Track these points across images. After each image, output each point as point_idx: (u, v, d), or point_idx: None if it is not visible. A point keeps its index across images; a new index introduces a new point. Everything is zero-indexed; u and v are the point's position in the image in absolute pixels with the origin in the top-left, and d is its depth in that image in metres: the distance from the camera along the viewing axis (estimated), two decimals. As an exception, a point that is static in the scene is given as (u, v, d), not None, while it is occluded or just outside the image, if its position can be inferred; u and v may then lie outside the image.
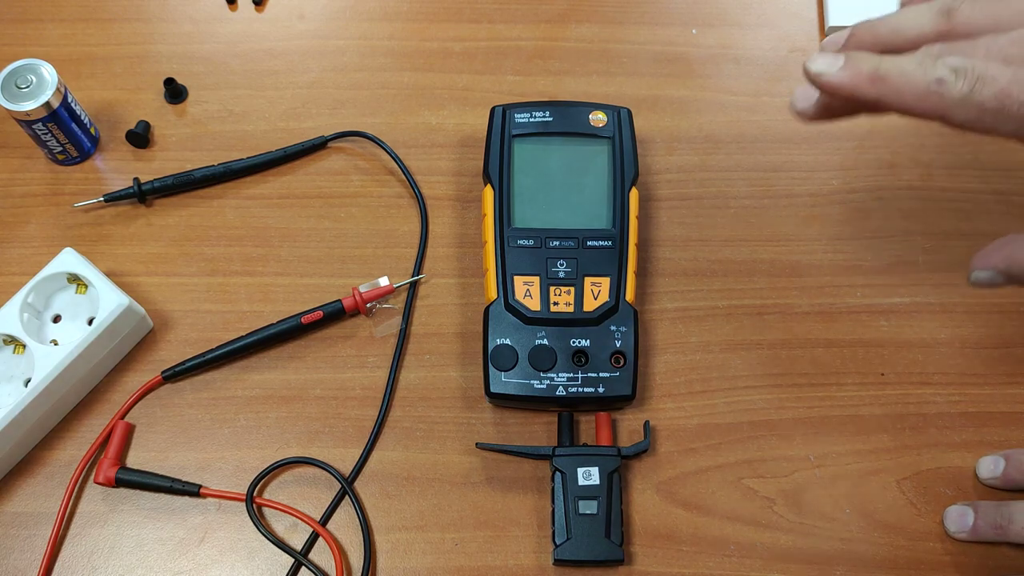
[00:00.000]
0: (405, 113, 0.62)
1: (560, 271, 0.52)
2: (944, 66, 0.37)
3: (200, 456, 0.51)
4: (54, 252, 0.52)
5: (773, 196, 0.59)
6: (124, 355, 0.53)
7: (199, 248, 0.57)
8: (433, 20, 0.66)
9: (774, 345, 0.55)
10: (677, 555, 0.49)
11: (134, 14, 0.66)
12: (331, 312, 0.54)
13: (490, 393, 0.50)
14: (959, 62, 0.37)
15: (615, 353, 0.51)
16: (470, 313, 0.55)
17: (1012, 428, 0.52)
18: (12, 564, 0.48)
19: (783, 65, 0.65)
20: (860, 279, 0.57)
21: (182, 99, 0.62)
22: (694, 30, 0.66)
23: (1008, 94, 0.36)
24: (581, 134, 0.56)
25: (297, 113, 0.62)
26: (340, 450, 0.51)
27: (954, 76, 0.37)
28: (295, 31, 0.65)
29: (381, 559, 0.49)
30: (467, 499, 0.50)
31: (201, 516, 0.50)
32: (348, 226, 0.58)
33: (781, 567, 0.49)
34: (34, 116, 0.54)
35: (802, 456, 0.52)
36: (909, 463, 0.51)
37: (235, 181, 0.59)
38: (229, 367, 0.54)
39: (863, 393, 0.53)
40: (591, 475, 0.48)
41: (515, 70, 0.64)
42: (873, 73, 0.38)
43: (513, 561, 0.49)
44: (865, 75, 0.38)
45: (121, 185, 0.58)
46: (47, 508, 0.49)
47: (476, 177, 0.59)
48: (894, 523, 0.50)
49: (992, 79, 0.36)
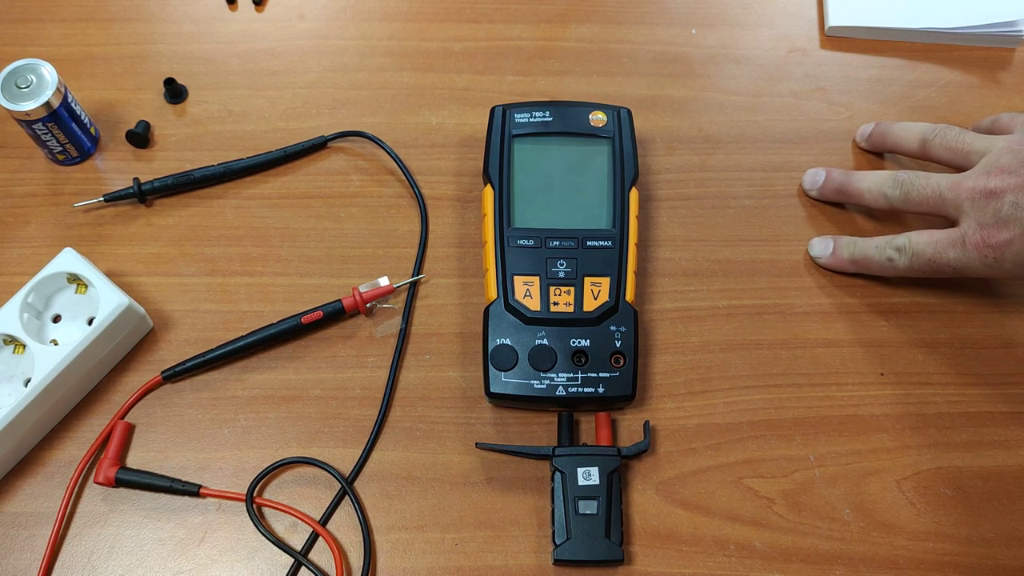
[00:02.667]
0: (405, 113, 0.62)
1: (560, 271, 0.52)
2: (891, 248, 0.53)
3: (200, 456, 0.51)
4: (54, 252, 0.52)
5: (773, 196, 0.59)
6: (124, 355, 0.53)
7: (199, 248, 0.57)
8: (433, 20, 0.66)
9: (774, 345, 0.55)
10: (677, 555, 0.49)
11: (134, 14, 0.66)
12: (331, 312, 0.54)
13: (490, 393, 0.50)
14: (901, 242, 0.53)
15: (615, 353, 0.51)
16: (470, 313, 0.55)
17: (1012, 428, 0.52)
18: (12, 564, 0.48)
19: (783, 65, 0.65)
20: (860, 279, 0.57)
21: (182, 99, 0.62)
22: (694, 30, 0.66)
23: (934, 260, 0.51)
24: (581, 134, 0.56)
25: (297, 113, 0.62)
26: (340, 450, 0.51)
27: (898, 255, 0.53)
28: (295, 31, 0.65)
29: (381, 559, 0.49)
30: (467, 499, 0.50)
31: (201, 516, 0.50)
32: (348, 226, 0.58)
33: (781, 567, 0.49)
34: (34, 116, 0.54)
35: (802, 456, 0.52)
36: (909, 463, 0.51)
37: (235, 181, 0.59)
38: (229, 367, 0.54)
39: (863, 393, 0.53)
40: (591, 475, 0.48)
41: (515, 70, 0.64)
42: (850, 258, 0.56)
43: (513, 561, 0.49)
44: (846, 260, 0.56)
45: (121, 185, 0.58)
46: (47, 508, 0.49)
47: (476, 177, 0.59)
48: (894, 523, 0.50)
49: (922, 252, 0.52)
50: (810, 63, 0.65)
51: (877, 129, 0.59)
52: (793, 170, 0.60)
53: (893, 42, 0.66)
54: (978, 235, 0.49)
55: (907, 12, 0.65)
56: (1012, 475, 0.51)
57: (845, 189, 0.57)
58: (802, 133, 0.62)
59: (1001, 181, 0.49)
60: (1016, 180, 0.48)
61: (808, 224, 0.58)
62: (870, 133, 0.60)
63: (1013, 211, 0.48)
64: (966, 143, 0.53)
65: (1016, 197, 0.48)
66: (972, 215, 0.50)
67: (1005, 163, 0.49)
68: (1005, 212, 0.48)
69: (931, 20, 0.65)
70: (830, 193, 0.58)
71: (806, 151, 0.61)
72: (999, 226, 0.49)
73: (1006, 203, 0.48)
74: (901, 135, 0.57)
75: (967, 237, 0.50)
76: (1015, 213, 0.48)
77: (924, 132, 0.55)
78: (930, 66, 0.65)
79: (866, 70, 0.65)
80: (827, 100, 0.63)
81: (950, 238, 0.51)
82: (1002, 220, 0.48)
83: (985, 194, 0.49)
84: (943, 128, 0.54)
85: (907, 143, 0.56)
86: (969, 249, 0.50)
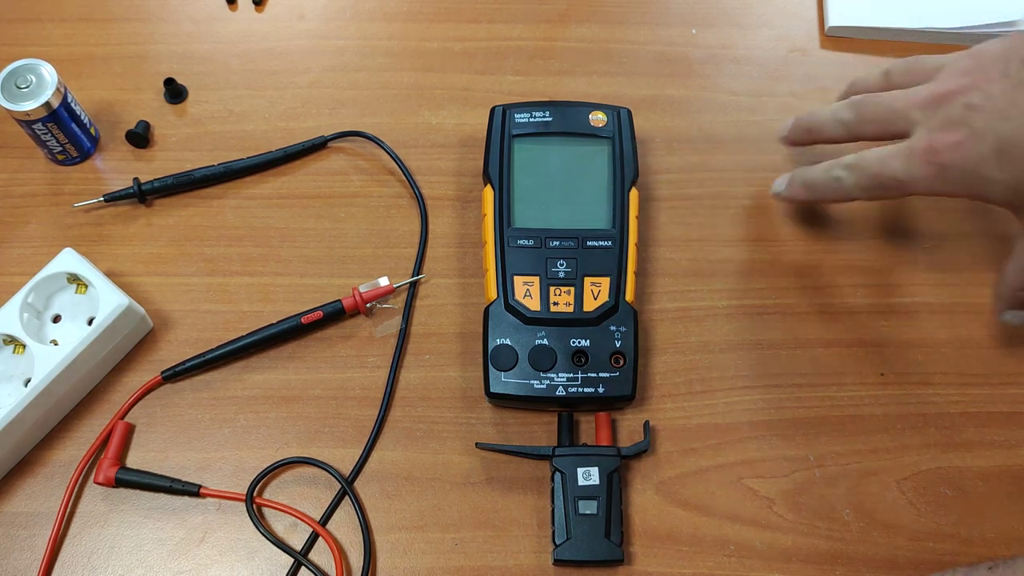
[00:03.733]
0: (405, 113, 0.62)
1: (560, 271, 0.52)
2: (839, 167, 0.50)
3: (200, 456, 0.51)
4: (54, 252, 0.52)
5: (773, 196, 0.59)
6: (124, 355, 0.53)
7: (199, 248, 0.57)
8: (433, 20, 0.66)
9: (774, 345, 0.55)
10: (677, 555, 0.49)
11: (134, 14, 0.66)
12: (331, 312, 0.54)
13: (490, 393, 0.50)
14: (849, 159, 0.50)
15: (615, 353, 0.51)
16: (470, 313, 0.55)
17: (1012, 428, 0.52)
18: (12, 564, 0.48)
19: (783, 65, 0.65)
20: (860, 279, 0.57)
21: (182, 99, 0.62)
22: (694, 30, 0.66)
23: (880, 175, 0.48)
24: (581, 134, 0.56)
25: (297, 113, 0.62)
26: (340, 450, 0.51)
27: (846, 172, 0.50)
28: (295, 31, 0.65)
29: (381, 559, 0.49)
30: (467, 499, 0.50)
31: (201, 516, 0.50)
32: (348, 226, 0.58)
33: (781, 567, 0.49)
34: (34, 116, 0.54)
35: (802, 456, 0.52)
36: (909, 463, 0.51)
37: (235, 181, 0.59)
38: (229, 367, 0.54)
39: (863, 393, 0.53)
40: (591, 475, 0.48)
41: (515, 70, 0.64)
42: (802, 183, 0.53)
43: (513, 561, 0.49)
44: (798, 187, 0.53)
45: (121, 185, 0.58)
46: (47, 508, 0.49)
47: (476, 177, 0.59)
48: (894, 523, 0.50)
49: (867, 166, 0.48)
50: (810, 63, 0.65)
51: (849, 83, 0.56)
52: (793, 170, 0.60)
53: (893, 42, 0.65)
54: (925, 140, 0.45)
55: (907, 12, 0.65)
56: (1012, 475, 0.51)
57: (809, 126, 0.54)
58: (802, 133, 0.62)
59: (954, 82, 0.45)
60: (969, 79, 0.44)
61: (808, 224, 0.58)
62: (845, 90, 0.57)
63: (963, 112, 0.44)
64: (925, 63, 0.49)
65: (968, 97, 0.44)
66: (922, 123, 0.46)
67: (963, 66, 0.46)
68: (955, 114, 0.44)
69: (931, 20, 0.65)
70: (800, 134, 0.55)
71: (806, 151, 0.61)
72: (947, 129, 0.44)
73: (957, 104, 0.44)
74: (867, 76, 0.54)
75: (914, 146, 0.46)
76: (965, 114, 0.44)
77: (887, 66, 0.52)
78: (930, 66, 0.65)
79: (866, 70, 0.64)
80: (827, 100, 0.63)
81: (896, 149, 0.47)
82: (951, 122, 0.44)
83: (937, 99, 0.45)
84: (906, 58, 0.52)
85: (873, 80, 0.53)
86: (915, 157, 0.46)
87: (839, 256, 0.57)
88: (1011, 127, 0.42)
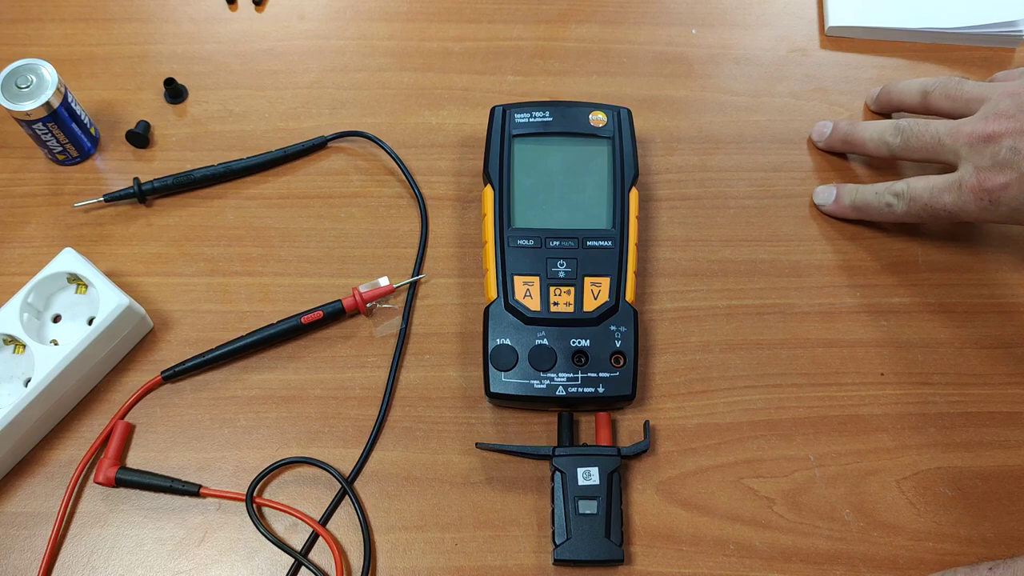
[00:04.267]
0: (405, 113, 0.62)
1: (560, 271, 0.52)
2: (889, 193, 0.54)
3: (200, 456, 0.51)
4: (54, 252, 0.52)
5: (773, 196, 0.59)
6: (124, 355, 0.53)
7: (199, 248, 0.57)
8: (433, 20, 0.66)
9: (774, 345, 0.55)
10: (677, 555, 0.49)
11: (134, 14, 0.66)
12: (331, 312, 0.54)
13: (490, 393, 0.50)
14: (899, 187, 0.54)
15: (615, 353, 0.51)
16: (470, 313, 0.55)
17: (1012, 428, 0.52)
18: (12, 564, 0.48)
19: (783, 65, 0.65)
20: (860, 279, 0.57)
21: (182, 99, 0.62)
22: (694, 30, 0.66)
23: (931, 205, 0.52)
24: (581, 134, 0.56)
25: (297, 113, 0.62)
26: (340, 450, 0.51)
27: (896, 200, 0.54)
28: (295, 31, 0.65)
29: (381, 559, 0.49)
30: (467, 499, 0.50)
31: (201, 516, 0.50)
32: (348, 226, 0.58)
33: (781, 567, 0.49)
34: (34, 116, 0.54)
35: (802, 456, 0.52)
36: (909, 463, 0.51)
37: (235, 181, 0.59)
38: (229, 367, 0.54)
39: (863, 393, 0.53)
40: (591, 475, 0.48)
41: (515, 70, 0.64)
42: (852, 204, 0.57)
43: (513, 561, 0.49)
44: (847, 206, 0.57)
45: (121, 185, 0.58)
46: (47, 508, 0.49)
47: (476, 177, 0.59)
48: (894, 523, 0.50)
49: (919, 196, 0.52)
50: (810, 63, 0.65)
51: (883, 90, 0.60)
52: (793, 170, 0.60)
53: (893, 42, 0.65)
54: (974, 179, 0.49)
55: (907, 12, 0.65)
56: (1012, 475, 0.51)
57: (850, 139, 0.58)
58: (802, 133, 0.62)
59: (999, 125, 0.49)
60: (1014, 124, 0.49)
61: (808, 224, 0.58)
62: (877, 95, 0.61)
63: (1010, 155, 0.48)
64: (965, 91, 0.53)
65: (1014, 141, 0.48)
66: (970, 159, 0.50)
67: (1004, 108, 0.50)
68: (1002, 156, 0.48)
69: (931, 20, 0.65)
70: (837, 143, 0.59)
71: (806, 151, 0.61)
72: (996, 170, 0.49)
73: (1004, 147, 0.48)
74: (904, 90, 0.58)
75: (964, 181, 0.50)
76: (1012, 157, 0.48)
77: (925, 85, 0.56)
78: (930, 66, 0.65)
79: (866, 70, 0.65)
80: (827, 100, 0.63)
81: (947, 182, 0.51)
82: (999, 164, 0.49)
83: (983, 138, 0.49)
84: (943, 79, 0.55)
85: (910, 98, 0.57)
86: (965, 193, 0.50)
87: (839, 256, 0.57)
88: None
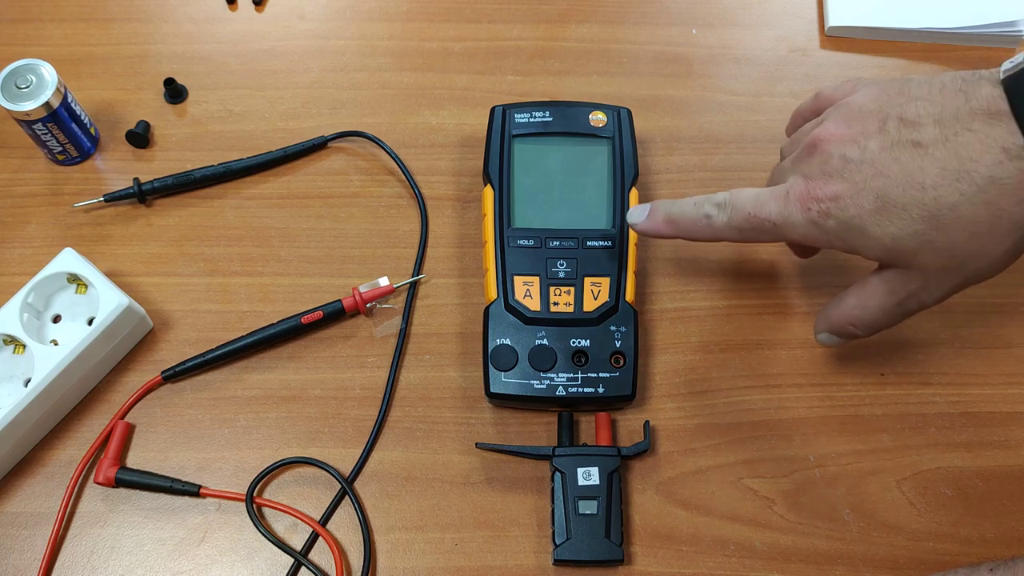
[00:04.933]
0: (405, 113, 0.62)
1: (560, 271, 0.52)
2: (709, 204, 0.46)
3: (200, 456, 0.51)
4: (54, 252, 0.52)
5: (773, 196, 0.59)
6: (124, 355, 0.53)
7: (199, 248, 0.57)
8: (433, 20, 0.66)
9: (774, 345, 0.55)
10: (677, 555, 0.49)
11: (134, 14, 0.66)
12: (331, 312, 0.54)
13: (490, 393, 0.50)
14: (721, 197, 0.46)
15: (615, 353, 0.51)
16: (470, 313, 0.55)
17: (1012, 428, 0.52)
18: (12, 564, 0.48)
19: (783, 65, 0.65)
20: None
21: (182, 99, 0.62)
22: (694, 30, 0.66)
23: (754, 215, 0.45)
24: (581, 134, 0.56)
25: (297, 113, 0.62)
26: (340, 450, 0.51)
27: (717, 211, 0.46)
28: (295, 31, 0.65)
29: (381, 559, 0.49)
30: (467, 499, 0.50)
31: (201, 516, 0.50)
32: (348, 226, 0.58)
33: (781, 567, 0.49)
34: (34, 116, 0.54)
35: (802, 456, 0.52)
36: (909, 463, 0.51)
37: (235, 181, 0.59)
38: (229, 367, 0.54)
39: (863, 393, 0.53)
40: (591, 475, 0.48)
41: (515, 70, 0.64)
42: (666, 218, 0.48)
43: (513, 561, 0.49)
44: (661, 221, 0.48)
45: (121, 185, 0.58)
46: (47, 508, 0.49)
47: (476, 177, 0.59)
48: (894, 523, 0.50)
49: (742, 206, 0.45)
50: (810, 63, 0.65)
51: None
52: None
53: (893, 42, 0.65)
54: (803, 186, 0.44)
55: (907, 12, 0.65)
56: (1012, 475, 0.51)
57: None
58: (802, 133, 0.62)
59: (825, 132, 0.44)
60: (842, 130, 0.43)
61: (808, 224, 0.58)
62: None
63: (841, 164, 0.42)
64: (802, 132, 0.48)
65: (844, 149, 0.43)
66: (797, 169, 0.45)
67: (830, 120, 0.45)
68: (833, 165, 0.43)
69: (931, 20, 0.65)
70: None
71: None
72: (826, 178, 0.43)
73: (833, 156, 0.43)
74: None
75: (791, 189, 0.44)
76: (843, 167, 0.42)
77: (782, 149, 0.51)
78: (930, 66, 0.65)
79: (866, 70, 0.65)
80: (827, 100, 0.63)
81: (773, 192, 0.45)
82: (829, 173, 0.43)
83: (808, 149, 0.44)
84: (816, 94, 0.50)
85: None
86: (792, 202, 0.44)
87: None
88: (888, 184, 0.41)
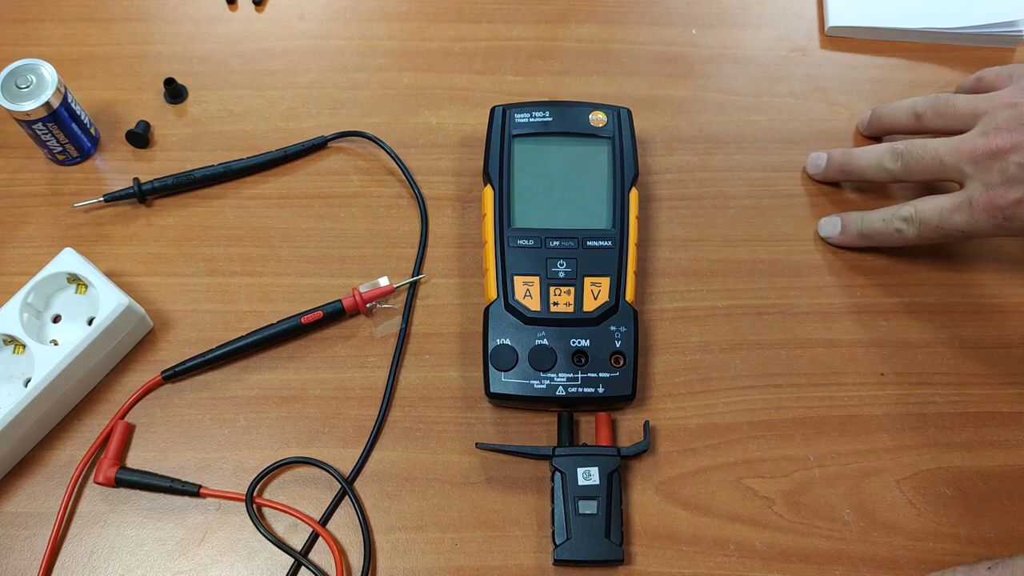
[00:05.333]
0: (405, 113, 0.62)
1: (560, 271, 0.52)
2: (897, 219, 0.53)
3: (200, 456, 0.51)
4: (54, 252, 0.52)
5: (773, 196, 0.59)
6: (124, 355, 0.53)
7: (199, 248, 0.57)
8: (433, 20, 0.66)
9: (774, 345, 0.55)
10: (677, 555, 0.49)
11: (134, 14, 0.66)
12: (331, 312, 0.54)
13: (490, 393, 0.50)
14: (907, 212, 0.53)
15: (615, 353, 0.51)
16: (470, 313, 0.55)
17: (1012, 428, 0.52)
18: (12, 564, 0.48)
19: (783, 65, 0.65)
20: (860, 279, 0.57)
21: (182, 99, 0.62)
22: (694, 30, 0.66)
23: (942, 227, 0.51)
24: (581, 134, 0.56)
25: (297, 113, 0.62)
26: (340, 450, 0.51)
27: (906, 225, 0.53)
28: (295, 31, 0.65)
29: (381, 559, 0.49)
30: (467, 499, 0.50)
31: (201, 516, 0.50)
32: (348, 226, 0.58)
33: (781, 567, 0.49)
34: (34, 116, 0.54)
35: (802, 456, 0.52)
36: (909, 463, 0.51)
37: (235, 181, 0.59)
38: (229, 367, 0.54)
39: (863, 393, 0.53)
40: (591, 475, 0.48)
41: (515, 70, 0.64)
42: (859, 233, 0.56)
43: (513, 561, 0.49)
44: (855, 235, 0.56)
45: (121, 185, 0.58)
46: (47, 508, 0.49)
47: (476, 177, 0.59)
48: (894, 523, 0.50)
49: (928, 219, 0.51)
50: (810, 63, 0.65)
51: (873, 115, 0.60)
52: (793, 170, 0.60)
53: (893, 42, 0.65)
54: (985, 196, 0.49)
55: (907, 12, 0.65)
56: (1012, 475, 0.51)
57: (847, 168, 0.57)
58: (802, 133, 0.62)
59: (1002, 140, 0.48)
60: (1017, 138, 0.48)
61: (808, 224, 0.58)
62: (868, 120, 0.60)
63: (1018, 171, 0.48)
64: (957, 107, 0.52)
65: (1020, 156, 0.48)
66: (977, 177, 0.49)
67: (1003, 121, 0.49)
68: (1011, 172, 0.48)
69: (931, 20, 0.65)
70: (834, 174, 0.58)
71: (806, 151, 0.61)
72: (1007, 186, 0.48)
73: (1011, 163, 0.48)
74: (895, 113, 0.57)
75: (973, 200, 0.49)
76: (1021, 173, 0.48)
77: (915, 105, 0.55)
78: (930, 66, 0.65)
79: (866, 70, 0.65)
80: (827, 100, 0.63)
81: (955, 202, 0.50)
82: (1009, 180, 0.48)
83: (987, 155, 0.49)
84: (932, 98, 0.54)
85: (901, 120, 0.57)
86: (977, 212, 0.49)
87: (839, 256, 0.57)
88: None
